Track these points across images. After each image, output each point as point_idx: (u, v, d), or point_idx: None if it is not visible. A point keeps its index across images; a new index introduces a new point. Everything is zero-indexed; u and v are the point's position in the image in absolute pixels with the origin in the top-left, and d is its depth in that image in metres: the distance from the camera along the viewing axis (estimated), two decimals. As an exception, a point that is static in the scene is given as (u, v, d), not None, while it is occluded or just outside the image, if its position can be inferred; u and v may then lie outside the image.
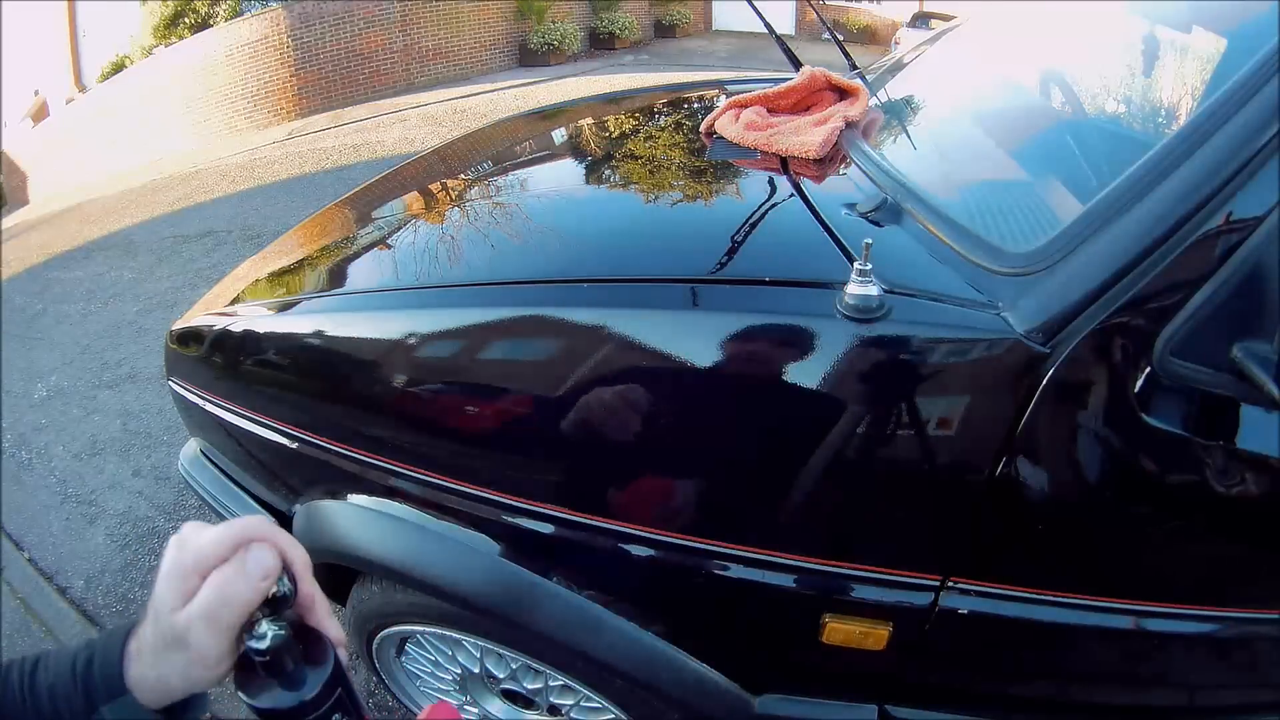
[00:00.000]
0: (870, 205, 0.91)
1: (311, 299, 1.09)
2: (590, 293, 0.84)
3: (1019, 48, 1.32)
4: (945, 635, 0.84)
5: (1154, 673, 0.92)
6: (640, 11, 11.57)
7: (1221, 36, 0.85)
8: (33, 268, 4.56)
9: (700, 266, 0.85)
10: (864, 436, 0.73)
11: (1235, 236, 0.64)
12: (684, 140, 1.32)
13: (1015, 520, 0.76)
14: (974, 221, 0.83)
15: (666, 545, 0.84)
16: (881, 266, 0.72)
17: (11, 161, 11.38)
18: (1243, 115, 0.65)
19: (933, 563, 0.80)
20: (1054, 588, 0.80)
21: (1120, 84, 1.00)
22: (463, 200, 1.25)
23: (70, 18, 11.51)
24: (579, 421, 0.82)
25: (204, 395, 1.14)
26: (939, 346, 0.71)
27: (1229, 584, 0.83)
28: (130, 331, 3.30)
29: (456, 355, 0.86)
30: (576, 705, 1.10)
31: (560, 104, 2.07)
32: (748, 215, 0.96)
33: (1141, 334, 0.67)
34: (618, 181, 1.20)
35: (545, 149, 1.51)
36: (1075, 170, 0.92)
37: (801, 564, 0.82)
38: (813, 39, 11.70)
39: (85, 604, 1.82)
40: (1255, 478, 0.72)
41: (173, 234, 4.60)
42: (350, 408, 0.96)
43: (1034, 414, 0.69)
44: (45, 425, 2.66)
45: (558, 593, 0.89)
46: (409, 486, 0.94)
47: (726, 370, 0.75)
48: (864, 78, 1.42)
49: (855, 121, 1.18)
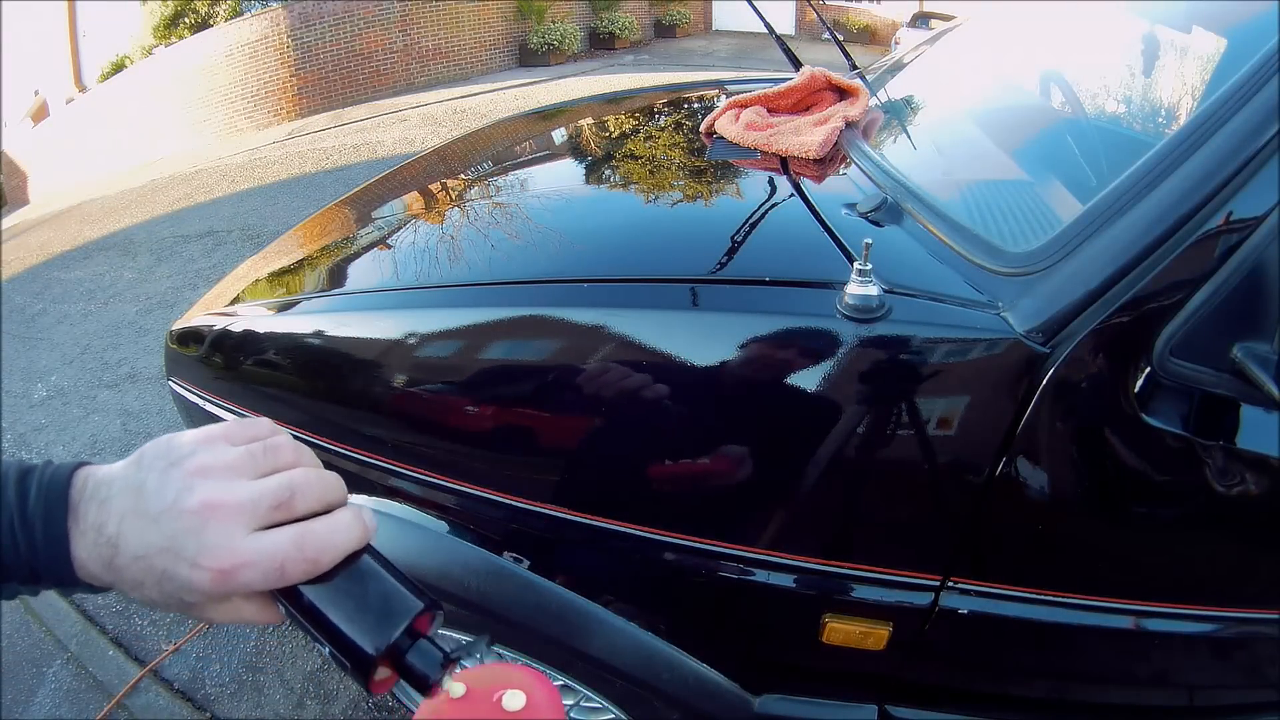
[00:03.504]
0: (870, 205, 0.91)
1: (311, 299, 1.08)
2: (590, 293, 0.84)
3: (1019, 48, 1.32)
4: (945, 635, 0.84)
5: (1154, 673, 0.92)
6: (640, 11, 11.57)
7: (1221, 36, 0.85)
8: (33, 268, 4.56)
9: (700, 266, 0.85)
10: (864, 436, 0.73)
11: (1235, 236, 0.64)
12: (684, 140, 1.32)
13: (1015, 520, 0.76)
14: (974, 221, 0.83)
15: (666, 545, 0.84)
16: (881, 266, 0.72)
17: (11, 161, 11.39)
18: (1243, 115, 0.65)
19: (933, 563, 0.80)
20: (1054, 588, 0.80)
21: (1120, 84, 1.00)
22: (463, 200, 1.25)
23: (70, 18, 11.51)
24: (579, 422, 0.82)
25: (204, 395, 1.14)
26: (939, 346, 0.71)
27: (1229, 584, 0.83)
28: (130, 331, 3.30)
29: (456, 355, 0.86)
30: (576, 705, 1.10)
31: (560, 104, 2.07)
32: (748, 215, 0.96)
33: (1141, 334, 0.67)
34: (618, 181, 1.20)
35: (545, 149, 1.51)
36: (1075, 170, 0.92)
37: (801, 564, 0.82)
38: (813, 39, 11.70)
39: (85, 604, 1.82)
40: (1255, 478, 0.72)
41: (173, 234, 4.60)
42: (350, 408, 0.96)
43: (1034, 414, 0.69)
44: (45, 425, 2.66)
45: (557, 593, 0.89)
46: (409, 486, 0.94)
47: (726, 370, 0.75)
48: (864, 78, 1.42)
49: (855, 121, 1.18)
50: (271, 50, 8.29)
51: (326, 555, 0.33)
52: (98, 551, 0.32)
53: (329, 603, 0.33)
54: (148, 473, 0.33)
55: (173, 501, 0.32)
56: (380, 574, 0.34)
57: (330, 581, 0.33)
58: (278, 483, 0.34)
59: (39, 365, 3.12)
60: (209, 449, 0.34)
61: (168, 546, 0.31)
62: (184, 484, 0.32)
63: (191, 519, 0.31)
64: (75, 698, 1.58)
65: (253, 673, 1.57)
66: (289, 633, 1.65)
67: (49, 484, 0.33)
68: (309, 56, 8.34)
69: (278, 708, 1.49)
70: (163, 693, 1.54)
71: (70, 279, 4.18)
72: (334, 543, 0.33)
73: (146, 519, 0.32)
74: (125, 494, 0.32)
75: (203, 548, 0.31)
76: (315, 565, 0.33)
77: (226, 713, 1.50)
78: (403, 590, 0.34)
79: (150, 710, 1.51)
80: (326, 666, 1.56)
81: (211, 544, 0.31)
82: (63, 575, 0.32)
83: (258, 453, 0.35)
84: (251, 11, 8.39)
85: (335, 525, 0.34)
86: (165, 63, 8.89)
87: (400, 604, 0.34)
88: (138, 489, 0.32)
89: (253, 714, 1.49)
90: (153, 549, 0.31)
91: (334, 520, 0.34)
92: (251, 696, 1.52)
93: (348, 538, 0.34)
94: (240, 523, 0.32)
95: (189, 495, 0.32)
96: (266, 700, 1.51)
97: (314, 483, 0.35)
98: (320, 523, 0.34)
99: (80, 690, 1.59)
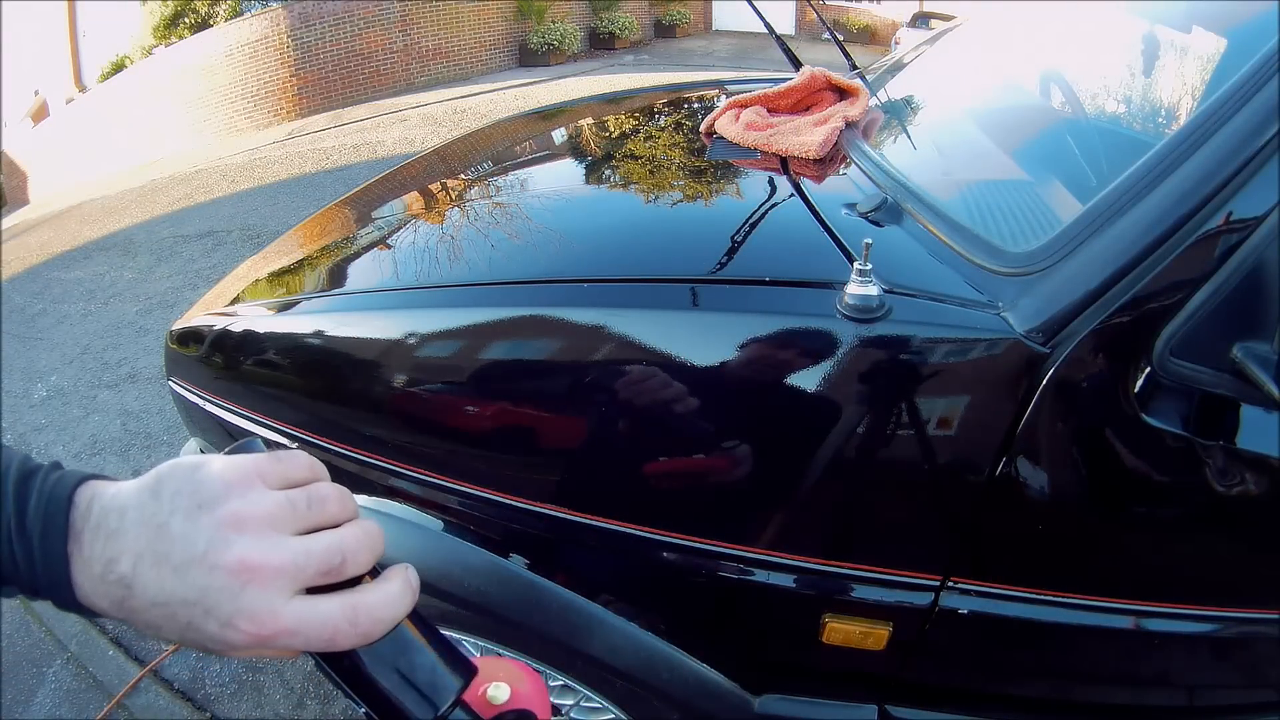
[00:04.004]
0: (870, 205, 0.91)
1: (311, 299, 1.08)
2: (590, 293, 0.84)
3: (1019, 48, 1.32)
4: (945, 635, 0.84)
5: (1154, 673, 0.92)
6: (640, 11, 11.57)
7: (1221, 36, 0.85)
8: (33, 268, 4.56)
9: (700, 266, 0.85)
10: (864, 436, 0.73)
11: (1235, 236, 0.64)
12: (684, 140, 1.32)
13: (1015, 520, 0.76)
14: (974, 221, 0.83)
15: (667, 545, 0.84)
16: (881, 266, 0.72)
17: (11, 161, 11.39)
18: (1243, 115, 0.65)
19: (933, 563, 0.80)
20: (1054, 588, 0.80)
21: (1120, 84, 1.00)
22: (463, 200, 1.25)
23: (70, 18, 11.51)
24: (579, 422, 0.82)
25: (204, 395, 1.14)
26: (939, 346, 0.71)
27: (1229, 584, 0.83)
28: (130, 331, 3.30)
29: (457, 355, 0.86)
30: (576, 705, 1.10)
31: (560, 104, 2.07)
32: (748, 215, 0.96)
33: (1141, 334, 0.67)
34: (618, 181, 1.20)
35: (545, 149, 1.51)
36: (1075, 170, 0.92)
37: (802, 564, 0.82)
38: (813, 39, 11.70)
39: (85, 604, 1.82)
40: (1255, 478, 0.72)
41: (173, 234, 4.60)
42: (350, 408, 0.96)
43: (1034, 414, 0.69)
44: (45, 425, 2.66)
45: (557, 593, 0.89)
46: (409, 486, 0.94)
47: (726, 370, 0.75)
48: (864, 78, 1.42)
49: (855, 121, 1.18)
50: (271, 50, 8.30)
51: (379, 629, 0.31)
52: (106, 589, 0.29)
53: (376, 670, 0.31)
54: (171, 514, 0.29)
55: (203, 554, 0.28)
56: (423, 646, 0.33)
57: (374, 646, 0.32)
58: (326, 546, 0.30)
59: (39, 365, 3.12)
60: (243, 494, 0.30)
61: (197, 601, 0.28)
62: (216, 535, 0.29)
63: (226, 578, 0.28)
64: (75, 698, 1.58)
65: (253, 673, 1.57)
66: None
67: (49, 497, 0.29)
68: (309, 56, 8.34)
69: (278, 708, 1.49)
70: (163, 693, 1.54)
71: (70, 279, 4.18)
72: (387, 616, 0.31)
73: (168, 566, 0.28)
74: (140, 530, 0.29)
75: (239, 611, 0.28)
76: (367, 639, 0.30)
77: (226, 713, 1.50)
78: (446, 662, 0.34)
79: (150, 710, 1.51)
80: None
81: (249, 608, 0.28)
82: (64, 599, 0.29)
83: (300, 503, 0.31)
84: (251, 11, 8.39)
85: (389, 598, 0.31)
86: (165, 63, 8.89)
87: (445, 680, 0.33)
88: (158, 529, 0.29)
89: (253, 714, 1.49)
90: (176, 600, 0.28)
91: (387, 592, 0.31)
92: (251, 696, 1.52)
93: (399, 610, 0.31)
94: (283, 587, 0.29)
95: (224, 550, 0.28)
96: (266, 700, 1.51)
97: (364, 545, 0.32)
98: (373, 593, 0.31)
99: (80, 690, 1.59)
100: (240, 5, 8.60)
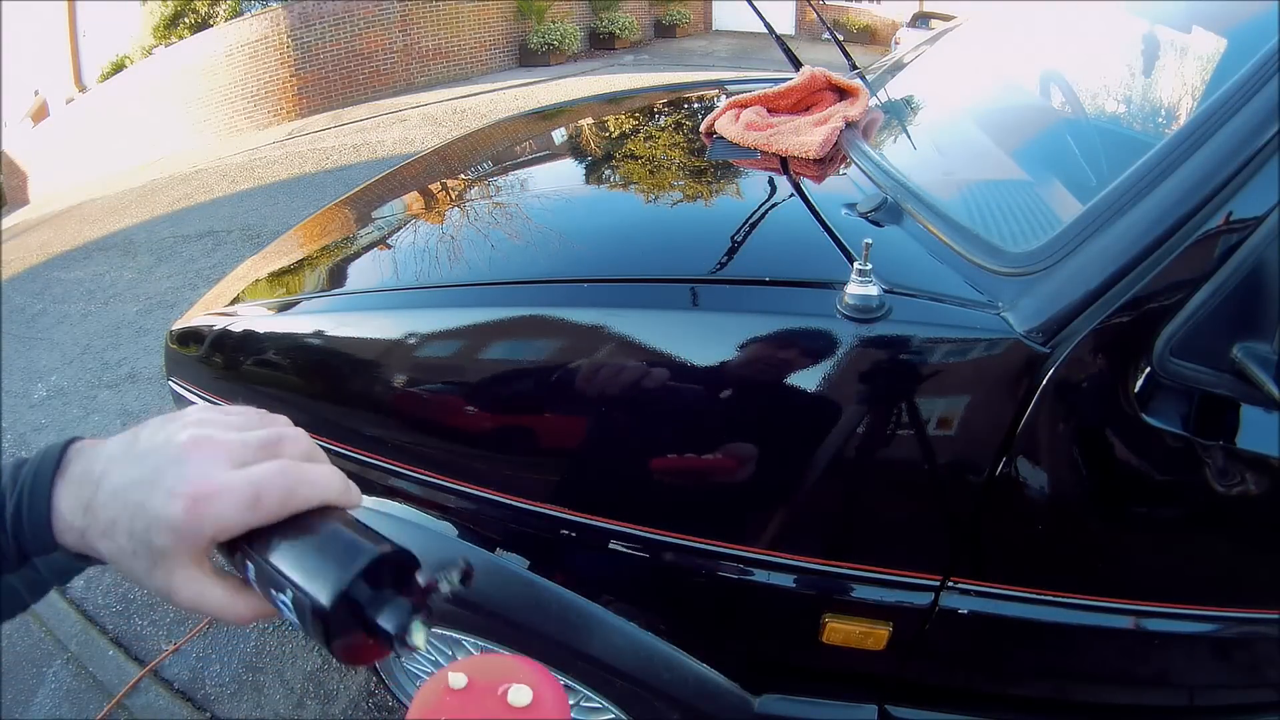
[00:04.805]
0: (870, 205, 0.91)
1: (311, 299, 1.09)
2: (591, 293, 0.84)
3: (1019, 48, 1.32)
4: (945, 635, 0.84)
5: (1154, 673, 0.92)
6: (640, 11, 11.57)
7: (1221, 36, 0.85)
8: (33, 268, 4.57)
9: (701, 266, 0.85)
10: (864, 436, 0.73)
11: (1235, 236, 0.64)
12: (684, 140, 1.32)
13: (1015, 520, 0.76)
14: (974, 221, 0.83)
15: (667, 545, 0.84)
16: (881, 266, 0.72)
17: (11, 161, 11.39)
18: (1243, 115, 0.65)
19: (933, 563, 0.80)
20: (1054, 588, 0.80)
21: (1120, 84, 1.00)
22: (463, 200, 1.25)
23: (70, 18, 11.51)
24: (579, 422, 0.82)
25: (204, 395, 1.14)
26: (939, 346, 0.71)
27: (1229, 584, 0.83)
28: (130, 331, 3.30)
29: (457, 355, 0.86)
30: (576, 705, 1.10)
31: (560, 104, 2.07)
32: (748, 215, 0.96)
33: (1141, 334, 0.67)
34: (618, 181, 1.20)
35: (545, 149, 1.51)
36: (1075, 170, 0.92)
37: (802, 564, 0.82)
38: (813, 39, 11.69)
39: (85, 604, 1.82)
40: (1255, 478, 0.72)
41: (173, 234, 4.60)
42: (350, 408, 0.96)
43: (1034, 414, 0.69)
44: (45, 425, 2.66)
45: (557, 593, 0.89)
46: (409, 486, 0.94)
47: (727, 370, 0.75)
48: (864, 78, 1.43)
49: (855, 121, 1.18)
50: (271, 50, 8.29)
51: (304, 489, 0.32)
52: (78, 491, 0.32)
53: (290, 553, 0.30)
54: (144, 427, 0.34)
55: (163, 441, 0.32)
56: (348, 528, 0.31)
57: (299, 535, 0.31)
58: (267, 430, 0.35)
59: (39, 365, 3.12)
60: (210, 410, 0.36)
61: (147, 478, 0.31)
62: (177, 428, 0.33)
63: (176, 451, 0.32)
64: (75, 698, 1.58)
65: (253, 672, 1.57)
66: (289, 633, 1.65)
67: (46, 451, 0.33)
68: (309, 56, 8.34)
69: (278, 708, 1.49)
70: (163, 693, 1.54)
71: (70, 279, 4.18)
72: (313, 478, 0.32)
73: (133, 457, 0.32)
74: (119, 443, 0.33)
75: (181, 476, 0.31)
76: (290, 495, 0.31)
77: (226, 713, 1.50)
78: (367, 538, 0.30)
79: (150, 710, 1.51)
80: (326, 666, 1.56)
81: (191, 473, 0.31)
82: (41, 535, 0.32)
83: (253, 417, 0.36)
84: (251, 11, 8.39)
85: (323, 472, 0.33)
86: (165, 63, 8.88)
87: (360, 549, 0.30)
88: (133, 436, 0.33)
89: (253, 714, 1.49)
90: (132, 481, 0.31)
91: (318, 465, 0.34)
92: (251, 696, 1.52)
93: (328, 484, 0.33)
94: (224, 457, 0.32)
95: (180, 433, 0.33)
96: (266, 700, 1.51)
97: (304, 439, 0.35)
98: (304, 463, 0.33)
99: (80, 690, 1.59)
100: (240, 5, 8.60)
